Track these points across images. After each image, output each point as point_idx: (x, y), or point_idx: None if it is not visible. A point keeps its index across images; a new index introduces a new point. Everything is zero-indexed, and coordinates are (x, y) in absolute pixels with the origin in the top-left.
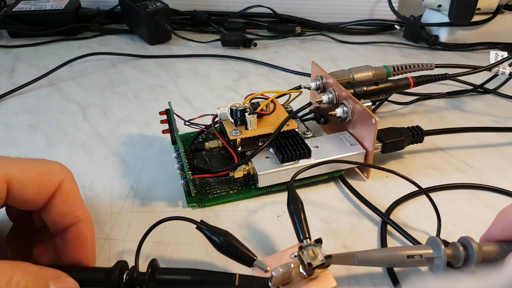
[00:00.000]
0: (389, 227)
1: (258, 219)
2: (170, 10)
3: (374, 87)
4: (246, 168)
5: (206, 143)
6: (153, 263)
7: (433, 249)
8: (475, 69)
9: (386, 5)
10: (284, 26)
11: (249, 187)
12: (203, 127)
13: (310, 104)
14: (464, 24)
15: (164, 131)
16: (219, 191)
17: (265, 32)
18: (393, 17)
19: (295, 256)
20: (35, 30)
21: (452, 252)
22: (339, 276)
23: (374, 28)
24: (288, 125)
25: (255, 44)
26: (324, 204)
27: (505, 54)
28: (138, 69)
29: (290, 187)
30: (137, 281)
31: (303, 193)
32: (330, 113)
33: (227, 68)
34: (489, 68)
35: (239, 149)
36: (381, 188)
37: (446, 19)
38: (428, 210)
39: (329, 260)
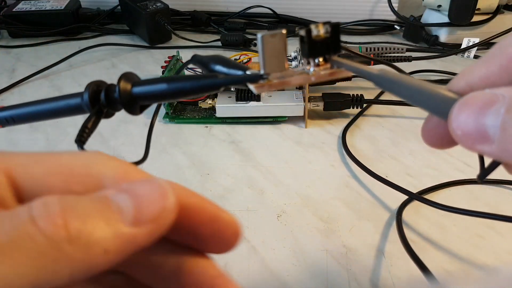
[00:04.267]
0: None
1: (258, 219)
2: (170, 10)
3: None
4: (212, 102)
5: None
6: (126, 76)
7: None
8: (443, 54)
9: (386, 5)
10: (284, 26)
11: (211, 116)
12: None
13: None
14: (464, 24)
15: (163, 66)
16: (188, 115)
17: (265, 32)
18: (393, 17)
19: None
20: (35, 30)
21: None
22: (339, 275)
23: (374, 28)
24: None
25: (255, 44)
26: (324, 204)
27: (476, 40)
28: (138, 69)
29: None
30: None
31: (302, 193)
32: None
33: None
34: (456, 52)
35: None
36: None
37: (446, 19)
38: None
39: (336, 28)
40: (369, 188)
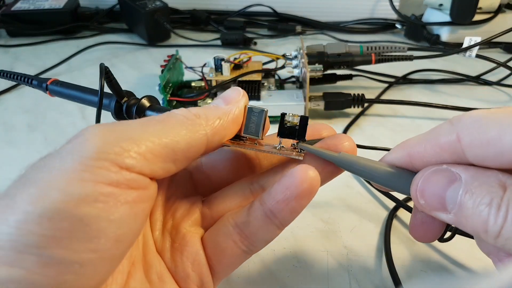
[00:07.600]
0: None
1: None
2: (169, 9)
3: (336, 58)
4: (211, 101)
5: (193, 83)
6: (151, 98)
7: None
8: (445, 53)
9: (387, 4)
10: (284, 25)
11: None
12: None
13: (283, 67)
14: (466, 23)
15: (162, 66)
16: None
17: (265, 31)
18: (394, 16)
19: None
20: (33, 30)
21: None
22: (340, 277)
23: (375, 27)
24: (254, 76)
25: (255, 43)
26: (325, 205)
27: (478, 39)
28: (137, 69)
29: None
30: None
31: None
32: (289, 71)
33: None
34: (457, 51)
35: (213, 90)
36: None
37: (447, 18)
38: None
39: (305, 120)
40: (370, 188)
